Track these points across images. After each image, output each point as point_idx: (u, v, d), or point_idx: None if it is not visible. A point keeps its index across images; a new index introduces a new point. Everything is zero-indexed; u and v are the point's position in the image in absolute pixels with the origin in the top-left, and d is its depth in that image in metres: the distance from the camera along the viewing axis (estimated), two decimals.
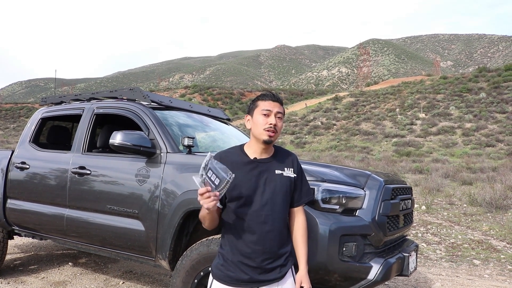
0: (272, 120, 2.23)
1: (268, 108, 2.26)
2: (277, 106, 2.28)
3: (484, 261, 6.33)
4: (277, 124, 2.25)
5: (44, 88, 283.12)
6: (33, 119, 4.97)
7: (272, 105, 2.27)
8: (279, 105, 2.30)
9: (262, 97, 2.32)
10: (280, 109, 2.28)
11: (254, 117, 2.30)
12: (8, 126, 70.20)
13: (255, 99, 2.36)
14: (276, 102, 2.28)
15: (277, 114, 2.26)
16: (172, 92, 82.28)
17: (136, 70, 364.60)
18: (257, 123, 2.26)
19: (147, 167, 3.55)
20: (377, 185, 2.97)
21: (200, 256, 2.90)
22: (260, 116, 2.26)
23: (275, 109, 2.26)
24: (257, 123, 2.26)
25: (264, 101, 2.29)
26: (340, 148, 34.23)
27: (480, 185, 13.63)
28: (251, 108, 2.34)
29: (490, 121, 36.10)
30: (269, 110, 2.25)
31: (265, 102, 2.28)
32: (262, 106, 2.27)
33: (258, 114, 2.27)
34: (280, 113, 2.28)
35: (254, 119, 2.28)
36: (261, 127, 2.24)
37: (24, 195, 4.53)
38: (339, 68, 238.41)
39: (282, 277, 2.23)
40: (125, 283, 4.82)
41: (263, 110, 2.26)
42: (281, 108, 2.29)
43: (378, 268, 2.78)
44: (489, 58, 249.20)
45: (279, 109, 2.28)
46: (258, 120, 2.26)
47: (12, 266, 5.40)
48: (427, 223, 8.74)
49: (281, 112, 2.28)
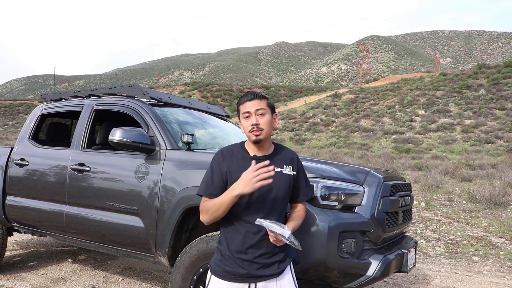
0: (253, 120, 2.23)
1: (247, 109, 2.26)
2: (255, 104, 2.26)
3: (483, 257, 6.35)
4: (259, 123, 2.24)
5: (43, 85, 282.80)
6: (32, 115, 4.96)
7: (250, 105, 2.26)
8: (258, 101, 2.27)
9: (240, 100, 2.32)
10: (259, 105, 2.26)
11: (240, 121, 2.33)
12: (7, 122, 70.14)
13: (237, 104, 2.37)
14: (253, 100, 2.27)
15: (257, 112, 2.25)
16: (171, 89, 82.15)
17: (135, 67, 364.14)
18: (243, 127, 2.29)
19: (146, 164, 3.55)
20: (376, 182, 2.97)
21: (199, 252, 2.91)
22: (243, 120, 2.29)
23: (254, 108, 2.25)
24: (243, 127, 2.29)
25: (242, 104, 2.30)
26: (340, 145, 34.24)
27: (479, 182, 13.66)
28: (238, 114, 2.36)
29: (489, 117, 36.10)
30: (248, 112, 2.26)
31: (243, 105, 2.29)
32: (242, 109, 2.29)
33: (242, 118, 2.30)
34: (261, 109, 2.26)
35: (241, 124, 2.32)
36: (247, 130, 2.26)
37: (23, 192, 4.54)
38: (339, 65, 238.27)
39: (280, 273, 2.24)
40: (125, 280, 4.83)
41: (243, 114, 2.28)
42: (260, 104, 2.27)
43: (377, 264, 2.78)
44: (488, 54, 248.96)
45: (258, 105, 2.26)
46: (243, 124, 2.29)
47: (12, 263, 5.41)
48: (426, 219, 8.76)
49: (261, 107, 2.26)
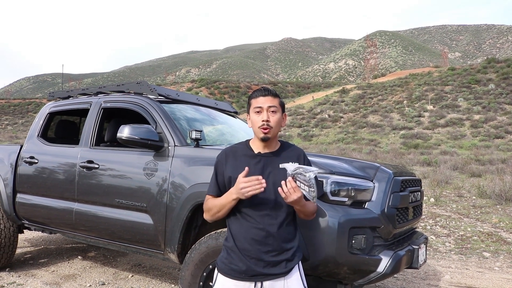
0: (264, 117, 2.21)
1: (259, 105, 2.24)
2: (268, 100, 2.25)
3: (494, 253, 6.29)
4: (269, 119, 2.22)
5: (52, 83, 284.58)
6: (41, 114, 4.99)
7: (262, 100, 2.24)
8: (271, 98, 2.26)
9: (253, 94, 2.31)
10: (272, 103, 2.25)
11: (250, 115, 2.30)
12: (17, 121, 70.82)
13: (248, 98, 2.35)
14: (267, 97, 2.25)
15: (269, 109, 2.23)
16: (179, 86, 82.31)
17: (142, 65, 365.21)
18: (252, 122, 2.27)
19: (155, 161, 3.55)
20: (386, 177, 2.95)
21: (208, 249, 2.90)
22: (253, 115, 2.26)
23: (266, 104, 2.23)
24: (252, 122, 2.27)
25: (255, 98, 2.28)
26: (348, 140, 34.14)
27: (489, 177, 13.54)
28: (248, 107, 2.34)
29: (499, 112, 35.79)
30: (260, 107, 2.24)
31: (256, 99, 2.27)
32: (254, 104, 2.27)
33: (252, 113, 2.27)
34: (274, 107, 2.24)
35: (251, 118, 2.29)
36: (256, 126, 2.24)
37: (33, 190, 4.56)
38: (346, 60, 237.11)
39: (288, 272, 2.20)
40: (134, 276, 4.85)
41: (255, 108, 2.25)
42: (273, 101, 2.25)
43: (388, 260, 2.76)
44: (498, 48, 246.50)
45: (271, 102, 2.25)
46: (253, 118, 2.27)
47: (23, 260, 5.45)
48: (436, 215, 8.70)
49: (274, 105, 2.25)
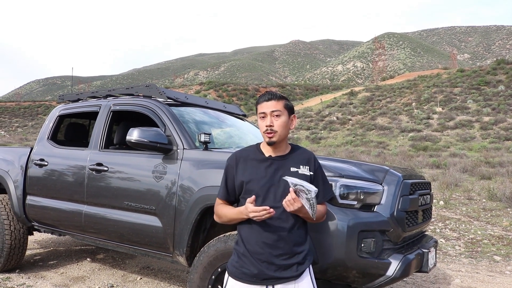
0: (268, 122, 2.25)
1: (263, 110, 2.28)
2: (271, 105, 2.27)
3: (505, 257, 6.22)
4: (273, 124, 2.24)
5: (61, 86, 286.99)
6: (51, 116, 5.03)
7: (266, 105, 2.27)
8: (275, 102, 2.28)
9: (258, 100, 2.34)
10: (275, 107, 2.26)
11: (258, 121, 2.35)
12: (27, 123, 71.43)
13: (255, 103, 2.39)
14: (270, 101, 2.28)
15: (272, 113, 2.26)
16: (187, 89, 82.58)
17: (151, 67, 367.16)
18: (259, 127, 2.31)
19: (164, 164, 3.56)
20: (395, 180, 2.93)
21: (217, 252, 2.90)
22: (259, 120, 2.31)
23: (270, 109, 2.26)
24: (259, 127, 2.31)
25: (259, 104, 2.31)
26: (356, 143, 33.98)
27: (499, 180, 13.40)
28: (256, 113, 2.36)
29: (509, 114, 35.45)
30: (264, 112, 2.27)
31: (260, 105, 2.30)
32: (259, 110, 2.31)
33: (259, 118, 2.32)
34: (277, 111, 2.26)
35: (258, 123, 2.34)
36: (261, 131, 2.28)
37: (43, 192, 4.59)
38: (354, 62, 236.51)
39: (299, 275, 2.20)
40: (143, 279, 4.86)
41: (260, 114, 2.30)
42: (277, 105, 2.27)
43: (397, 264, 2.74)
44: (507, 50, 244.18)
45: (274, 107, 2.26)
46: (259, 124, 2.32)
47: (32, 261, 5.49)
48: (446, 218, 8.62)
49: (277, 109, 2.26)
